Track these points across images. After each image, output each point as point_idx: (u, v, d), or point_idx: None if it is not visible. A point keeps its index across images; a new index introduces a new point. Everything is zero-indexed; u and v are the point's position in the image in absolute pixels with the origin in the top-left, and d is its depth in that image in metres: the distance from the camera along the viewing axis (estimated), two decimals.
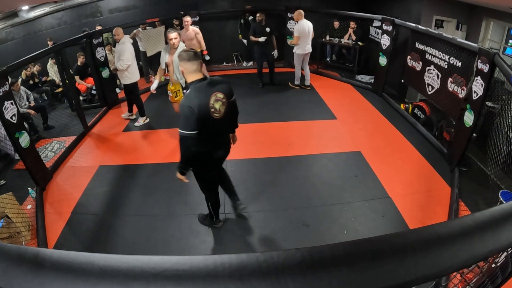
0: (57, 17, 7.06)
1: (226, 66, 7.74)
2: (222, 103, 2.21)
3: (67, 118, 5.37)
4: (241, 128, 4.87)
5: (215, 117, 2.19)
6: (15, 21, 6.58)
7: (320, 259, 0.50)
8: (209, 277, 0.48)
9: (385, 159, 3.89)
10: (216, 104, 2.18)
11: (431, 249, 0.52)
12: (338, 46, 7.09)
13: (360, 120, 4.94)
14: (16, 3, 5.90)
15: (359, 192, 3.35)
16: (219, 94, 2.20)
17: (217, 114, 2.20)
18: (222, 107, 2.21)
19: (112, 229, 3.01)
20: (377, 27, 5.86)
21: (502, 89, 3.31)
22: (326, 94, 5.90)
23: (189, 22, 5.44)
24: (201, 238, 2.87)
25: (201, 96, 2.14)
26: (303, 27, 5.51)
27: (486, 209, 0.59)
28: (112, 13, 7.36)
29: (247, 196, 3.35)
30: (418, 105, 4.82)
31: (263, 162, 3.93)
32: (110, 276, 0.48)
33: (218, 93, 2.20)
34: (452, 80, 3.98)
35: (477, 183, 3.30)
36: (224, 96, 2.23)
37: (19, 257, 0.51)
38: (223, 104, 2.22)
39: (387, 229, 2.88)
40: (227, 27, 7.54)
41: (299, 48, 5.70)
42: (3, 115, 3.12)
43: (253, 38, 5.85)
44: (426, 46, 4.56)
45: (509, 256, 0.77)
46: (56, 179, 3.84)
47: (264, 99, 5.81)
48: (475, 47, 3.38)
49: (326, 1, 7.22)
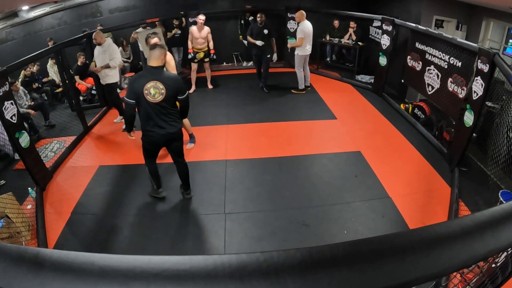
0: (57, 17, 7.06)
1: (226, 66, 7.74)
2: (159, 91, 2.65)
3: (67, 118, 5.37)
4: (242, 128, 4.95)
5: (148, 99, 2.65)
6: (15, 21, 6.58)
7: (320, 259, 0.50)
8: (209, 277, 0.48)
9: (385, 159, 3.90)
10: (152, 90, 2.65)
11: (431, 249, 0.52)
12: (338, 46, 7.09)
13: (360, 120, 4.94)
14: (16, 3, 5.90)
15: (359, 192, 3.35)
16: (159, 84, 2.65)
17: (151, 98, 2.65)
18: (158, 94, 2.66)
19: (112, 229, 3.01)
20: (377, 27, 5.86)
21: (502, 89, 3.31)
22: (326, 94, 5.90)
23: (204, 21, 5.61)
24: (201, 238, 2.87)
25: (143, 77, 2.68)
26: (307, 28, 5.43)
27: (486, 209, 0.59)
28: (112, 13, 7.36)
29: (247, 196, 3.35)
30: (418, 105, 4.83)
31: (263, 162, 3.93)
32: (110, 276, 0.48)
33: (159, 83, 2.65)
34: (452, 80, 3.98)
35: (477, 183, 3.30)
36: (164, 87, 2.65)
37: (19, 257, 0.51)
38: (160, 93, 2.66)
39: (387, 229, 2.88)
40: (227, 27, 7.54)
41: (301, 50, 5.58)
42: (3, 115, 3.12)
43: (250, 40, 5.74)
44: (426, 46, 4.56)
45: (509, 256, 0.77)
46: (56, 179, 3.84)
47: (264, 99, 5.81)
48: (475, 47, 3.38)
49: (326, 1, 7.22)
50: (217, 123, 4.94)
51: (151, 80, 2.64)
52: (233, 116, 5.17)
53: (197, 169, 3.87)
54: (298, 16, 5.53)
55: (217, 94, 6.17)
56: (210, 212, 3.14)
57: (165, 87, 2.65)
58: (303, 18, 5.44)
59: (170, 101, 2.73)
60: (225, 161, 3.95)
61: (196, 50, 5.84)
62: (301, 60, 5.72)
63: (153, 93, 2.64)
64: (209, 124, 4.93)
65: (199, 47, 5.81)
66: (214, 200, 3.30)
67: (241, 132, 4.72)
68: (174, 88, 2.71)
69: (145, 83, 2.63)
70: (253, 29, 5.69)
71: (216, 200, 3.29)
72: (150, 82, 2.63)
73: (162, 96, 2.66)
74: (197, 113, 5.13)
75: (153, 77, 2.65)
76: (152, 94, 2.64)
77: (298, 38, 5.49)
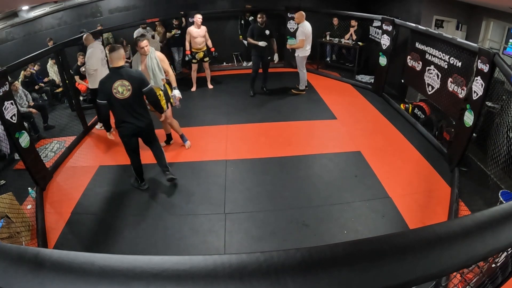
0: (57, 17, 7.06)
1: (226, 66, 7.74)
2: (126, 88, 2.94)
3: (67, 118, 5.37)
4: (242, 128, 4.95)
5: (118, 97, 2.93)
6: (15, 21, 6.58)
7: (320, 259, 0.50)
8: (209, 277, 0.48)
9: (385, 159, 3.90)
10: (120, 88, 2.93)
11: (431, 249, 0.52)
12: (338, 46, 7.09)
13: (360, 120, 4.94)
14: (16, 3, 5.90)
15: (359, 192, 3.35)
16: (125, 82, 2.93)
17: (120, 96, 2.94)
18: (126, 91, 2.94)
19: (112, 229, 3.01)
20: (377, 27, 5.86)
21: (502, 89, 3.31)
22: (326, 94, 5.90)
23: (201, 20, 5.63)
24: (201, 238, 2.87)
25: (110, 78, 2.95)
26: (308, 29, 5.37)
27: (486, 209, 0.59)
28: (112, 13, 7.36)
29: (247, 196, 3.35)
30: (418, 105, 4.83)
31: (263, 162, 3.93)
32: (110, 276, 0.48)
33: (125, 81, 2.93)
34: (452, 80, 3.98)
35: (477, 183, 3.30)
36: (130, 84, 2.94)
37: (19, 257, 0.51)
38: (127, 89, 2.94)
39: (387, 229, 2.88)
40: (227, 27, 7.54)
41: (302, 51, 5.52)
42: (3, 115, 3.12)
43: (251, 41, 5.49)
44: (426, 46, 4.56)
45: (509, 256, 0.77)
46: (56, 179, 3.84)
47: (264, 99, 5.81)
48: (475, 47, 3.38)
49: (326, 1, 7.22)
50: (217, 123, 4.95)
51: (117, 79, 2.93)
52: (233, 116, 5.17)
53: (197, 169, 3.87)
54: (297, 17, 5.42)
55: (217, 94, 6.17)
56: (210, 212, 3.14)
57: (131, 83, 2.95)
58: (303, 19, 5.36)
59: (137, 96, 3.02)
60: (225, 161, 3.95)
61: (195, 50, 5.84)
62: (303, 61, 5.68)
63: (121, 91, 2.94)
64: (209, 124, 4.93)
65: (198, 47, 5.81)
66: (214, 200, 3.30)
67: (241, 132, 4.72)
68: (138, 82, 3.00)
69: (112, 83, 2.92)
70: (254, 30, 5.51)
71: (216, 200, 3.29)
72: (117, 81, 2.92)
73: (130, 92, 2.95)
74: (197, 113, 5.13)
75: (118, 77, 2.93)
76: (120, 91, 2.94)
77: (299, 39, 5.40)
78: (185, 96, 6.10)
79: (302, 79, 5.85)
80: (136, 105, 3.04)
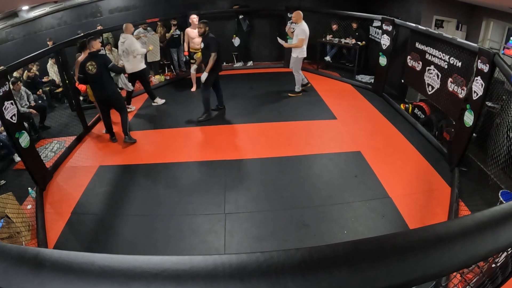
0: (57, 17, 7.06)
1: (226, 66, 7.73)
2: (93, 66, 4.07)
3: (67, 118, 5.37)
4: (242, 128, 4.95)
5: (89, 73, 4.09)
6: (15, 21, 6.58)
7: (320, 259, 0.50)
8: (209, 277, 0.48)
9: (385, 159, 3.89)
10: (90, 66, 4.07)
11: (431, 249, 0.52)
12: (338, 46, 7.08)
13: (360, 120, 4.94)
14: (16, 3, 5.89)
15: (359, 192, 3.35)
16: (92, 61, 4.07)
17: (90, 72, 4.08)
18: (93, 68, 4.08)
19: (112, 229, 3.01)
20: (377, 27, 5.86)
21: (502, 89, 3.31)
22: (326, 94, 5.90)
23: (197, 20, 5.61)
24: (201, 238, 2.87)
25: (85, 60, 4.12)
26: (307, 28, 5.32)
27: (486, 209, 0.59)
28: (112, 13, 7.36)
29: (247, 196, 3.35)
30: (418, 105, 4.82)
31: (263, 162, 3.93)
32: (110, 276, 0.48)
33: (93, 61, 4.07)
34: (452, 80, 3.98)
35: (477, 183, 3.30)
36: (96, 63, 4.07)
37: (19, 257, 0.51)
38: (94, 67, 4.07)
39: (387, 229, 2.88)
40: (227, 27, 7.54)
41: (301, 52, 5.43)
42: (3, 115, 3.12)
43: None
44: (426, 46, 4.56)
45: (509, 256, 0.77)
46: (56, 179, 3.84)
47: (264, 99, 5.81)
48: (475, 47, 3.38)
49: (326, 1, 7.22)
50: (217, 123, 4.95)
51: (89, 61, 4.08)
52: (233, 116, 5.17)
53: (197, 169, 3.87)
54: (295, 17, 5.35)
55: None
56: (210, 212, 3.14)
57: (96, 63, 4.07)
58: (301, 19, 5.32)
59: (102, 72, 4.10)
60: (225, 161, 3.95)
61: (194, 51, 5.83)
62: (300, 63, 5.59)
63: (91, 68, 4.08)
64: (209, 124, 4.93)
65: (196, 47, 5.80)
66: (214, 200, 3.30)
67: (241, 132, 4.72)
68: (101, 62, 4.10)
69: (86, 63, 4.08)
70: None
71: (216, 200, 3.29)
72: (88, 62, 4.08)
73: (95, 69, 4.07)
74: (197, 113, 5.12)
75: (90, 59, 4.08)
76: (90, 69, 4.08)
77: (299, 39, 5.32)
78: (185, 96, 6.12)
79: (297, 81, 5.78)
80: (102, 79, 4.12)
